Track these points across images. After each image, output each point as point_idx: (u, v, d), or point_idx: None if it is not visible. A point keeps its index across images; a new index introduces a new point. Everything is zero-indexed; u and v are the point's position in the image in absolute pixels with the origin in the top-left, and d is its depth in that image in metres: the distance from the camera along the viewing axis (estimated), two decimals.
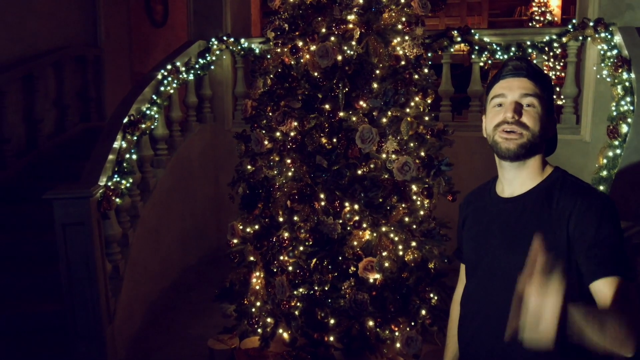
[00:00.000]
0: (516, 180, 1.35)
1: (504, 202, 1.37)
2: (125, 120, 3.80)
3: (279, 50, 3.13)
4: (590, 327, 1.03)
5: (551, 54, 4.72)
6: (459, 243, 1.61)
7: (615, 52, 4.10)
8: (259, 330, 3.14)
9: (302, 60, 3.02)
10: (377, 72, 2.98)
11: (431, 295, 3.06)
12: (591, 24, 4.42)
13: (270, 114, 3.07)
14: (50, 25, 5.28)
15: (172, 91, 4.59)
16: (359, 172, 2.93)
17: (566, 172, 1.37)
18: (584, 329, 1.03)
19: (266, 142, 3.06)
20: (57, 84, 5.29)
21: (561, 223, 1.23)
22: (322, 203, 2.93)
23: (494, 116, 1.32)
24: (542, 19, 9.06)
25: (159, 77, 4.46)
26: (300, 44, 2.98)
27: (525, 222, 1.29)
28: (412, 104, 3.02)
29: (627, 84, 3.70)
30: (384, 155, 2.93)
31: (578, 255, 1.21)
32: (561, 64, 8.07)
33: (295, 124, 2.95)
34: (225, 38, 5.29)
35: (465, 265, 1.53)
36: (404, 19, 3.04)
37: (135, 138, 3.81)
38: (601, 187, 3.10)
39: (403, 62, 3.05)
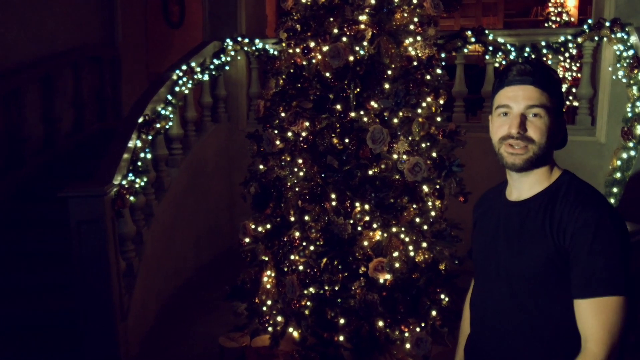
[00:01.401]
0: (524, 184, 1.35)
1: (511, 205, 1.38)
2: (140, 119, 3.85)
3: (290, 50, 3.15)
4: None
5: (567, 54, 4.67)
6: (472, 244, 1.62)
7: (631, 52, 4.06)
8: (270, 329, 3.16)
9: (313, 61, 3.04)
10: (389, 72, 2.99)
11: (442, 296, 3.06)
12: (607, 24, 4.38)
13: (282, 114, 3.10)
14: (69, 25, 5.37)
15: (187, 91, 4.64)
16: (370, 172, 2.94)
17: (574, 176, 1.35)
18: None
19: (278, 142, 3.08)
20: (75, 84, 5.37)
21: (559, 233, 1.23)
22: (333, 203, 2.94)
23: (499, 126, 1.32)
24: (558, 19, 8.97)
25: (174, 77, 4.51)
26: (312, 44, 3.00)
27: (528, 225, 1.30)
28: (424, 104, 3.02)
29: None
30: (395, 156, 2.94)
31: (571, 267, 1.21)
32: (577, 64, 7.98)
33: (307, 124, 2.97)
34: (239, 39, 5.34)
35: (474, 267, 1.55)
36: (416, 20, 3.04)
37: (150, 137, 3.86)
38: (614, 190, 3.07)
39: (415, 63, 3.05)
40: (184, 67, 4.64)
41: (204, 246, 5.21)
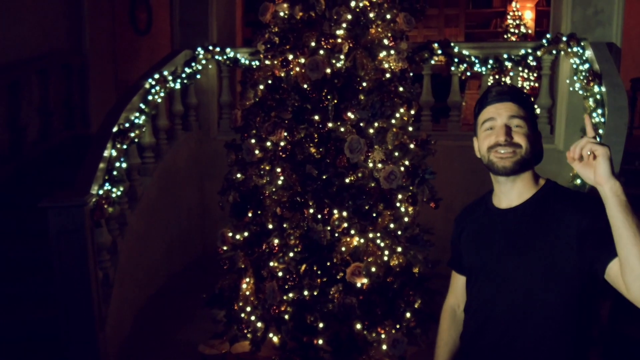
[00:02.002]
0: (512, 192, 1.47)
1: (504, 213, 1.48)
2: (115, 129, 3.85)
3: (268, 62, 3.24)
4: (634, 223, 1.16)
5: (526, 67, 4.92)
6: (454, 253, 1.71)
7: (586, 66, 4.31)
8: (249, 335, 3.22)
9: (292, 73, 3.13)
10: (364, 84, 3.11)
11: (415, 298, 3.19)
12: (564, 38, 4.64)
13: (261, 124, 3.17)
14: (37, 32, 5.30)
15: (159, 100, 4.65)
16: (347, 180, 3.04)
17: (556, 182, 1.50)
18: (621, 220, 1.16)
19: (257, 152, 3.16)
20: (42, 91, 5.29)
21: (560, 229, 1.35)
22: (312, 210, 3.03)
23: (486, 138, 1.45)
24: (516, 31, 9.36)
25: (147, 86, 4.52)
26: (290, 57, 3.09)
27: (526, 228, 1.42)
28: (397, 115, 3.15)
29: (598, 96, 3.91)
30: (370, 165, 3.06)
31: (588, 247, 1.31)
32: (534, 75, 8.35)
33: (286, 134, 3.06)
34: (211, 48, 5.37)
35: (467, 275, 1.63)
36: (389, 34, 3.18)
37: (125, 147, 3.86)
38: None
39: (388, 75, 3.19)
40: (157, 76, 4.65)
41: (176, 254, 5.21)
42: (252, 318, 3.19)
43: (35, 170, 4.84)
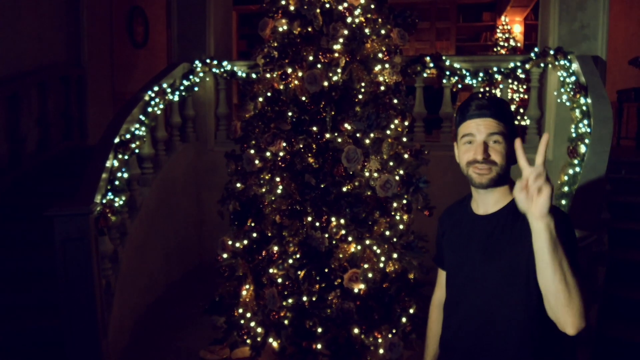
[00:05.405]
0: (489, 200, 1.57)
1: (480, 219, 1.58)
2: (117, 140, 3.94)
3: (268, 75, 3.35)
4: (557, 260, 1.26)
5: (516, 80, 5.08)
6: (438, 250, 1.82)
7: (573, 78, 4.46)
8: (249, 340, 3.30)
9: (291, 86, 3.25)
10: (360, 97, 3.23)
11: (410, 304, 3.29)
12: (552, 52, 4.80)
13: (260, 134, 3.28)
14: (36, 46, 5.39)
15: (159, 112, 4.75)
16: (344, 189, 3.15)
17: None
18: (548, 256, 1.26)
19: (257, 162, 3.26)
20: (41, 103, 5.37)
21: (527, 237, 1.42)
22: (310, 218, 3.14)
23: (466, 152, 1.53)
24: (506, 44, 9.57)
25: (147, 98, 4.61)
26: (289, 70, 3.21)
27: (497, 236, 1.52)
28: (392, 126, 3.27)
29: (584, 108, 4.05)
30: (367, 174, 3.17)
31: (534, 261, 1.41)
32: (524, 86, 8.54)
33: (285, 144, 3.17)
34: (208, 61, 5.48)
35: (446, 274, 1.72)
36: (384, 49, 3.31)
37: (126, 157, 3.95)
38: (563, 202, 3.40)
39: (383, 88, 3.32)
40: (156, 88, 4.75)
41: (174, 263, 5.28)
42: (252, 324, 3.27)
43: (33, 181, 4.90)
